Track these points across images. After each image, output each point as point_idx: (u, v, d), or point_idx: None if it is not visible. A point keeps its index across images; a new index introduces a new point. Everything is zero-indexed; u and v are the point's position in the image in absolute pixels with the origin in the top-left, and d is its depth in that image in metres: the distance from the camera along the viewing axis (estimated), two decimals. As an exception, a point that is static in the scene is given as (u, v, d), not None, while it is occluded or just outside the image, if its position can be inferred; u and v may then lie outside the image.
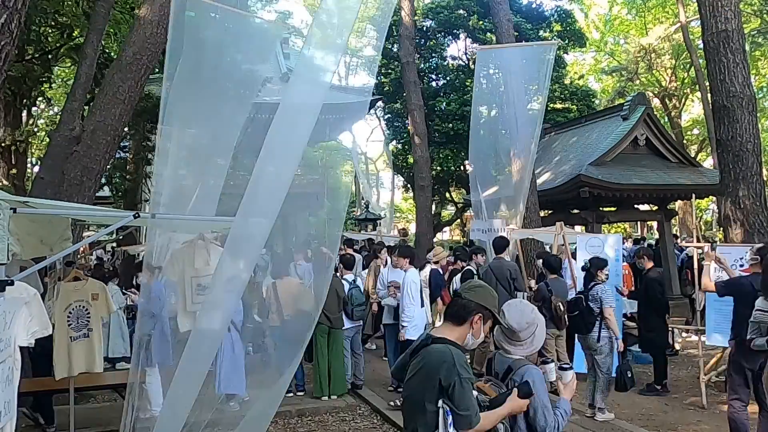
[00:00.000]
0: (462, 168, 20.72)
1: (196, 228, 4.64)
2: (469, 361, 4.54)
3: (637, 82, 26.61)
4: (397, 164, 23.15)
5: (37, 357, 5.46)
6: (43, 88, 13.92)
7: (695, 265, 7.40)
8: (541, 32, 20.07)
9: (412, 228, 24.33)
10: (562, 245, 8.00)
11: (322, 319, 6.21)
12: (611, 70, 28.32)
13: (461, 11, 20.15)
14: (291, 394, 6.70)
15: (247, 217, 3.15)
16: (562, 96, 20.58)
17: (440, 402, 2.25)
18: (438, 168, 19.98)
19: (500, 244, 7.48)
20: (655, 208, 15.01)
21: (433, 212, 20.31)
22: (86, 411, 6.09)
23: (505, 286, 6.87)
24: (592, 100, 22.36)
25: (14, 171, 13.05)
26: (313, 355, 6.83)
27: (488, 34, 18.32)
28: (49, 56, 12.48)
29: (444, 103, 20.10)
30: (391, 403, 6.22)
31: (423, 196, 16.88)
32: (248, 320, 6.16)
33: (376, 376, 7.76)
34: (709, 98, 8.81)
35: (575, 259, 8.10)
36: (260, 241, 3.30)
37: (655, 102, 25.86)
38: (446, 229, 30.99)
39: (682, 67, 25.75)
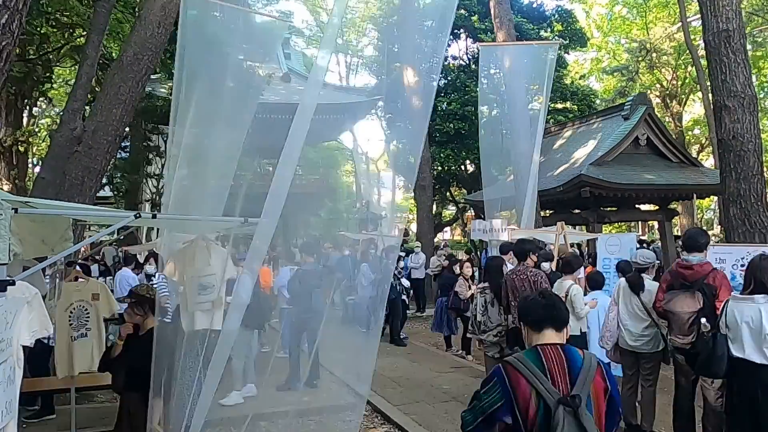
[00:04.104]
0: (463, 168, 20.73)
1: (201, 228, 4.62)
2: None
3: (638, 81, 26.58)
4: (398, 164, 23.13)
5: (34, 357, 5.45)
6: (44, 88, 13.95)
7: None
8: (542, 32, 20.05)
9: (413, 228, 24.31)
10: (563, 245, 7.99)
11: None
12: (612, 70, 28.27)
13: (462, 11, 20.11)
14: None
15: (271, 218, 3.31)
16: (563, 96, 20.56)
17: None
18: (439, 168, 19.97)
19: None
20: (656, 208, 15.00)
21: (434, 212, 20.30)
22: (87, 411, 6.09)
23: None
24: (593, 99, 22.34)
25: (15, 171, 13.09)
26: None
27: (489, 33, 18.31)
28: (51, 56, 12.51)
29: (445, 103, 20.07)
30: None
31: (424, 196, 16.88)
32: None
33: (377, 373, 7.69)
34: (710, 98, 8.80)
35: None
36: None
37: (656, 101, 25.83)
38: (447, 228, 30.99)
39: (683, 66, 25.73)
